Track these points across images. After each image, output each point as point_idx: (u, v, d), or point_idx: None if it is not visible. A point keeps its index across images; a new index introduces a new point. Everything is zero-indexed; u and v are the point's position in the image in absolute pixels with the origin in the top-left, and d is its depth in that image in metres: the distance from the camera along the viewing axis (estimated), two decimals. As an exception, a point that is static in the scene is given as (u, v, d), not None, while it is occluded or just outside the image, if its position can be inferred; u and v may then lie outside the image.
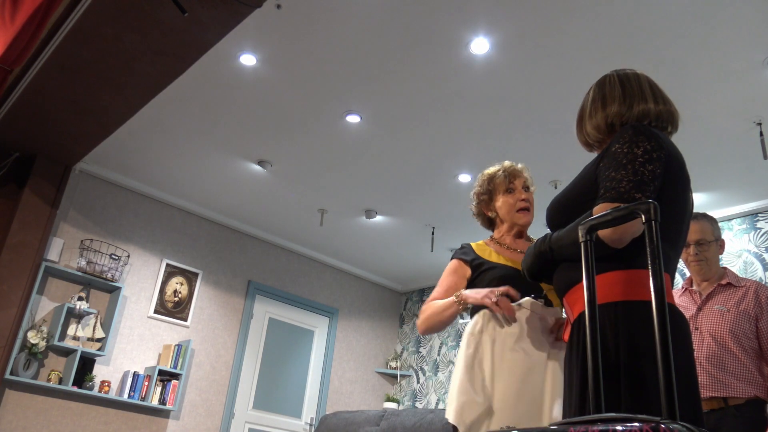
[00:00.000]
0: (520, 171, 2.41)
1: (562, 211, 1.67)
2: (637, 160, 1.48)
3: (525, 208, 2.31)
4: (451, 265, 2.27)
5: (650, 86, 1.70)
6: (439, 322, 2.15)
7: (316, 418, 6.53)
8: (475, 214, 2.46)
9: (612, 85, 1.71)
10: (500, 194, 2.35)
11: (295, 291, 6.79)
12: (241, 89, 4.22)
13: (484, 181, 2.41)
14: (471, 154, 4.73)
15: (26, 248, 4.83)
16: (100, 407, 5.19)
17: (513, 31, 3.47)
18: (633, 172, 1.46)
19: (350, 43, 3.70)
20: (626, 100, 1.66)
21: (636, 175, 1.46)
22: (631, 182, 1.45)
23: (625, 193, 1.44)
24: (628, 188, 1.45)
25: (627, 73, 1.74)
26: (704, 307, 2.77)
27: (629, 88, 1.68)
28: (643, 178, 1.46)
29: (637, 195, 1.43)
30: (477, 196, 2.42)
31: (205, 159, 5.22)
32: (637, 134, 1.52)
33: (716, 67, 3.55)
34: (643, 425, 0.93)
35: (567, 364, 1.53)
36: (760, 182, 4.62)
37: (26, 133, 4.70)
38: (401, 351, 7.42)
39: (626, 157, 1.49)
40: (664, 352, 1.08)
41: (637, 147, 1.49)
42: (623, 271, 1.46)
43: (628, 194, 1.44)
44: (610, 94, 1.70)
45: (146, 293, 5.68)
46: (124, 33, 3.50)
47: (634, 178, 1.45)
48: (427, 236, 6.15)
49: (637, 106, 1.65)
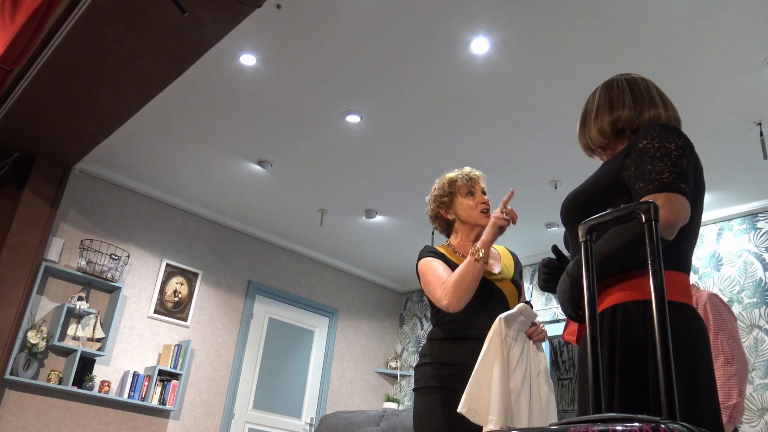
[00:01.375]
0: (479, 177, 2.50)
1: (580, 208, 1.61)
2: (672, 153, 1.45)
3: (486, 210, 2.39)
4: (427, 261, 2.28)
5: (657, 92, 1.70)
6: (471, 282, 2.09)
7: (316, 418, 6.53)
8: (432, 216, 2.52)
9: (620, 89, 1.70)
10: (461, 197, 2.42)
11: (295, 291, 6.79)
12: (241, 89, 4.22)
13: (444, 184, 2.46)
14: (470, 154, 4.73)
15: (26, 248, 4.83)
16: (100, 407, 5.19)
17: (513, 31, 3.47)
18: (672, 164, 1.43)
19: (350, 43, 3.70)
20: (636, 106, 1.65)
21: (676, 167, 1.43)
22: (673, 173, 1.42)
23: (670, 183, 1.40)
24: (672, 178, 1.41)
25: (635, 77, 1.73)
26: None
27: (639, 94, 1.67)
28: (683, 169, 1.43)
29: (682, 185, 1.40)
30: (437, 199, 2.47)
31: (205, 159, 5.22)
32: (666, 131, 1.50)
33: (716, 67, 3.55)
34: (643, 425, 0.93)
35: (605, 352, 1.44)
36: (760, 182, 4.62)
37: (26, 133, 4.70)
38: (401, 351, 7.42)
39: (659, 151, 1.46)
40: (664, 351, 1.08)
41: (668, 142, 1.47)
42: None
43: (674, 184, 1.40)
44: (619, 98, 1.68)
45: (146, 293, 5.68)
46: (124, 33, 3.50)
47: (675, 170, 1.42)
48: (427, 236, 6.15)
49: (648, 112, 1.64)
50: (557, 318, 5.80)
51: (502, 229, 2.17)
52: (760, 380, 4.47)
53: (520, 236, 5.81)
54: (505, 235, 2.29)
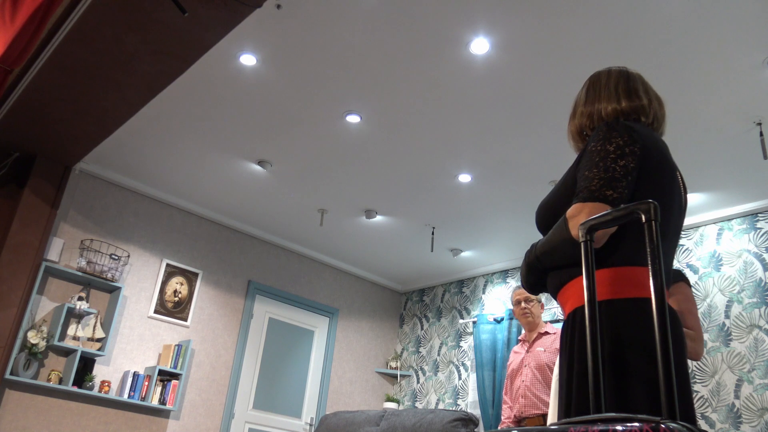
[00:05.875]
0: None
1: (547, 213, 1.68)
2: (609, 156, 1.50)
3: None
4: None
5: (625, 83, 1.72)
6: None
7: (316, 418, 6.53)
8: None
9: (584, 87, 1.80)
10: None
11: (295, 291, 6.79)
12: (241, 89, 4.22)
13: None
14: (471, 154, 4.73)
15: (26, 248, 4.83)
16: (100, 407, 5.19)
17: (513, 31, 3.47)
18: (604, 169, 1.48)
19: (350, 43, 3.70)
20: (587, 105, 1.73)
21: (607, 172, 1.48)
22: (601, 180, 1.47)
23: (596, 191, 1.46)
24: (599, 186, 1.47)
25: (604, 70, 1.78)
26: (530, 349, 3.91)
27: (594, 90, 1.75)
28: (614, 174, 1.47)
29: (608, 192, 1.46)
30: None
31: (205, 159, 5.22)
32: (610, 131, 1.55)
33: (716, 67, 3.55)
34: (643, 425, 0.93)
35: (565, 359, 1.51)
36: (760, 182, 4.62)
37: (26, 133, 4.70)
38: (401, 351, 7.42)
39: (598, 154, 1.52)
40: (663, 351, 1.08)
41: (609, 143, 1.52)
42: (609, 269, 1.46)
43: (599, 192, 1.46)
44: (579, 98, 1.79)
45: (146, 293, 5.68)
46: (124, 33, 3.50)
47: (605, 176, 1.47)
48: (427, 236, 6.15)
49: (597, 106, 1.70)
50: (557, 318, 5.80)
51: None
52: (760, 380, 4.47)
53: (519, 237, 5.81)
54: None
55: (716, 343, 4.78)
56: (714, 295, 4.92)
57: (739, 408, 4.50)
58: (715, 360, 4.75)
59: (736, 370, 4.61)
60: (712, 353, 4.78)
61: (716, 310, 4.87)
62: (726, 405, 4.57)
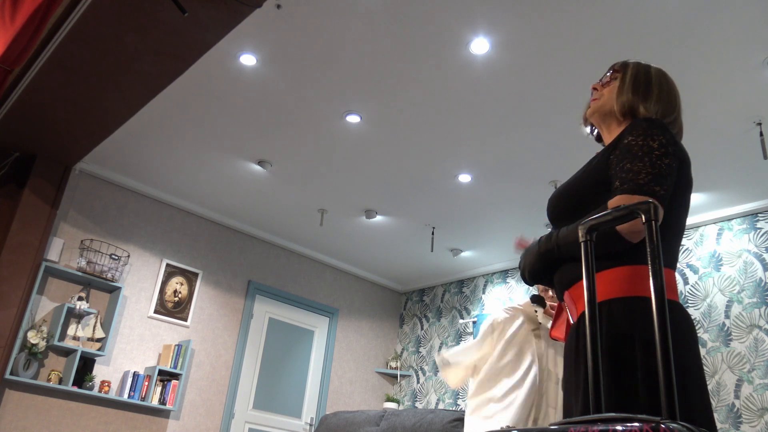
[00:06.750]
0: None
1: (567, 203, 1.61)
2: (653, 152, 1.46)
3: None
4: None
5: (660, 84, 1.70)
6: None
7: (316, 418, 6.53)
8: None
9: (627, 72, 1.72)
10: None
11: (295, 291, 6.79)
12: (241, 89, 4.22)
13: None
14: (471, 154, 4.73)
15: (26, 248, 4.83)
16: (100, 407, 5.19)
17: (513, 31, 3.47)
18: (651, 164, 1.44)
19: (350, 43, 3.70)
20: (632, 93, 1.66)
21: (654, 168, 1.44)
22: (649, 174, 1.43)
23: (644, 185, 1.42)
24: (647, 180, 1.42)
25: (646, 66, 1.73)
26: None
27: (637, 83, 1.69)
28: (661, 171, 1.44)
29: (656, 188, 1.42)
30: None
31: (205, 159, 5.22)
32: (651, 127, 1.50)
33: (716, 67, 3.55)
34: (643, 425, 0.93)
35: (573, 358, 1.49)
36: (760, 182, 4.62)
37: (26, 133, 4.70)
38: (401, 351, 7.42)
39: (642, 149, 1.47)
40: (664, 350, 1.08)
41: (652, 140, 1.48)
42: (628, 266, 1.44)
43: (648, 186, 1.42)
44: (628, 83, 1.69)
45: (146, 293, 5.68)
46: (124, 33, 3.50)
47: (652, 171, 1.43)
48: (427, 236, 6.15)
49: (646, 103, 1.63)
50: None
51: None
52: (760, 380, 4.47)
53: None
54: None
55: (716, 343, 4.78)
56: (714, 295, 4.92)
57: (739, 408, 4.50)
58: (715, 360, 4.75)
59: (736, 370, 4.61)
60: (712, 353, 4.78)
61: (716, 310, 4.86)
62: (726, 405, 4.57)
